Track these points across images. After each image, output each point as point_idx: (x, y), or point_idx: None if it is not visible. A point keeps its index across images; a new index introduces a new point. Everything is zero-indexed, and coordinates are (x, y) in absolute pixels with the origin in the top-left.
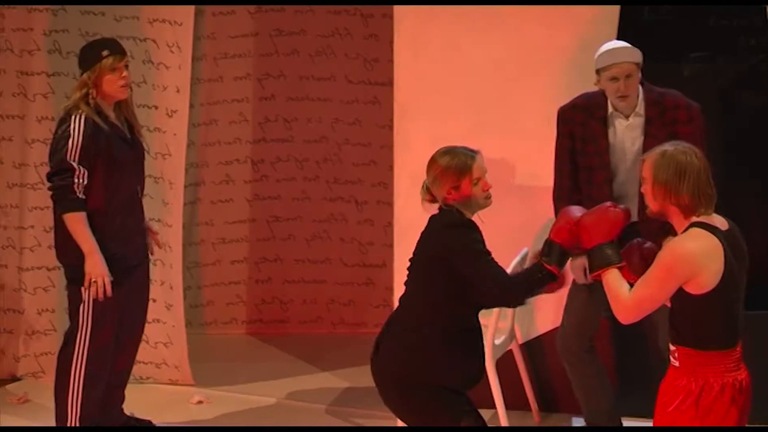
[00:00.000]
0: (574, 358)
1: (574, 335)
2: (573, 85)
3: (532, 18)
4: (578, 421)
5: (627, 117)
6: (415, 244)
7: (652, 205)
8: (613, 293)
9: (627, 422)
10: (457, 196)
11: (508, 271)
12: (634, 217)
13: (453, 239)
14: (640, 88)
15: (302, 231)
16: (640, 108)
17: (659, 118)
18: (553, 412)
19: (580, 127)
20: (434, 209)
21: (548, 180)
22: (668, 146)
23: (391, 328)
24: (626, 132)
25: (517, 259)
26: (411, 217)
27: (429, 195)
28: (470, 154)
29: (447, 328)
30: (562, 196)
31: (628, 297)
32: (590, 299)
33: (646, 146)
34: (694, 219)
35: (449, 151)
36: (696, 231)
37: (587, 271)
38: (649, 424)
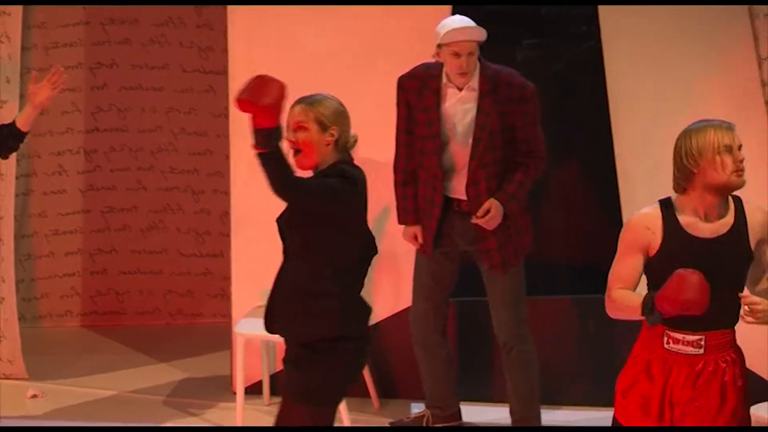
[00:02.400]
0: (427, 342)
1: (426, 317)
2: None
3: (368, 7)
4: (417, 407)
5: (460, 90)
6: (252, 233)
7: None
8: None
9: (465, 407)
10: None
11: None
12: (461, 193)
13: None
14: (477, 63)
15: (138, 221)
16: (474, 82)
17: (492, 94)
18: (392, 398)
19: (416, 96)
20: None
21: (386, 166)
22: None
23: None
24: (458, 105)
25: None
26: (248, 206)
27: None
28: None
29: None
30: (398, 166)
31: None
32: (435, 282)
33: (478, 121)
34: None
35: None
36: None
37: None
38: (485, 407)
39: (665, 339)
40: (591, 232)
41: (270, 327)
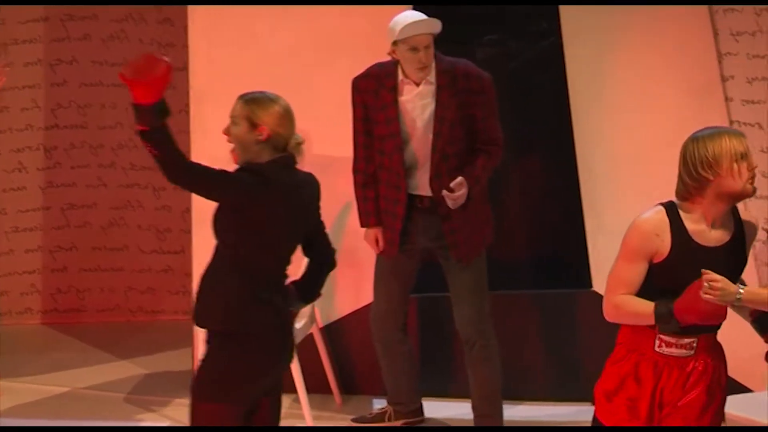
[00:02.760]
0: (388, 339)
1: (387, 316)
2: None
3: (327, 6)
4: (379, 403)
5: (417, 85)
6: (211, 232)
7: None
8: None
9: (427, 402)
10: None
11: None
12: (425, 190)
13: None
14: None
15: (98, 218)
16: (431, 76)
17: (450, 87)
18: (354, 395)
19: (373, 96)
20: None
21: (346, 163)
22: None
23: None
24: (416, 100)
25: None
26: (209, 203)
27: None
28: None
29: None
30: (357, 168)
31: None
32: (396, 279)
33: (437, 114)
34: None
35: None
36: None
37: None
38: (447, 403)
39: (657, 342)
40: (552, 226)
41: (194, 320)
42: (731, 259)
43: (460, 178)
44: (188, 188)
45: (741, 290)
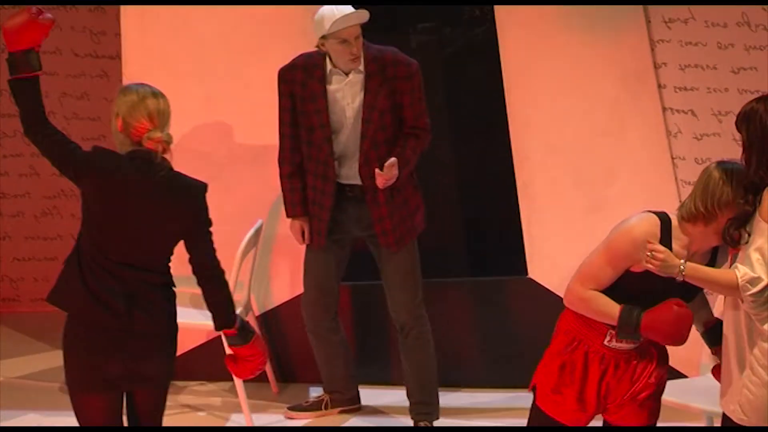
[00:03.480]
0: (319, 329)
1: (318, 305)
2: None
3: None
4: (316, 390)
5: (347, 74)
6: None
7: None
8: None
9: (363, 390)
10: None
11: (244, 242)
12: (355, 178)
13: None
14: None
15: (31, 207)
16: (362, 65)
17: (380, 74)
18: (291, 383)
19: (300, 87)
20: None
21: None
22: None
23: None
24: (346, 89)
25: (252, 231)
26: None
27: None
28: None
29: None
30: (283, 158)
31: None
32: (326, 269)
33: (367, 101)
34: None
35: None
36: None
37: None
38: (383, 390)
39: (608, 338)
40: (487, 214)
41: None
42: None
43: (392, 159)
44: (38, 147)
45: (683, 265)
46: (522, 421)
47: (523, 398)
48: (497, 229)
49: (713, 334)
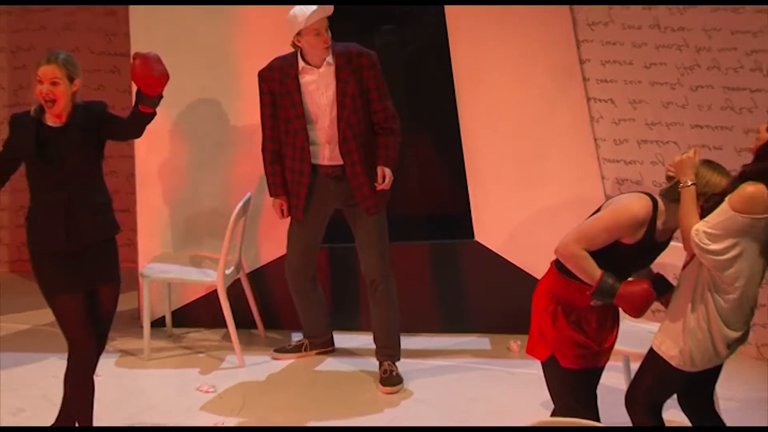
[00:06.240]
0: (300, 288)
1: (299, 270)
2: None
3: (249, 4)
4: (297, 336)
5: (318, 68)
6: (153, 191)
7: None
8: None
9: (337, 335)
10: None
11: (235, 211)
12: (336, 159)
13: None
14: None
15: None
16: (330, 58)
17: (348, 65)
18: (276, 329)
19: (278, 85)
20: None
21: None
22: None
23: None
24: (320, 80)
25: (242, 202)
26: (149, 169)
27: None
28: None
29: None
30: (265, 147)
31: None
32: (306, 240)
33: (339, 88)
34: None
35: None
36: None
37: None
38: (353, 335)
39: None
40: (441, 187)
41: None
42: (662, 250)
43: (382, 168)
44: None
45: (690, 182)
46: (469, 360)
47: (469, 342)
48: (449, 200)
49: (660, 285)
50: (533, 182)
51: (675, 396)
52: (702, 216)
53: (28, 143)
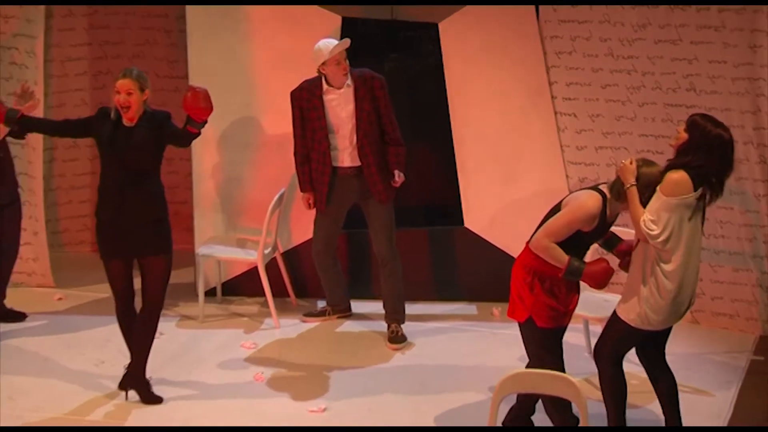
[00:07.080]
0: (323, 265)
1: (323, 251)
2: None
3: (280, 29)
4: (321, 303)
5: (339, 89)
6: (206, 187)
7: None
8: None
9: (354, 302)
10: None
11: (272, 204)
12: (356, 161)
13: None
14: None
15: None
16: (349, 81)
17: (363, 86)
18: (305, 298)
19: (306, 102)
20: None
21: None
22: None
23: None
24: (341, 99)
25: (277, 196)
26: (204, 169)
27: None
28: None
29: None
30: (296, 152)
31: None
32: (333, 225)
33: (357, 105)
34: None
35: None
36: None
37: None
38: (367, 303)
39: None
40: (435, 185)
41: None
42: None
43: (397, 171)
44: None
45: (631, 185)
46: (460, 323)
47: (460, 308)
48: (442, 193)
49: (609, 241)
50: (511, 179)
51: (633, 350)
52: (644, 205)
53: (105, 136)
